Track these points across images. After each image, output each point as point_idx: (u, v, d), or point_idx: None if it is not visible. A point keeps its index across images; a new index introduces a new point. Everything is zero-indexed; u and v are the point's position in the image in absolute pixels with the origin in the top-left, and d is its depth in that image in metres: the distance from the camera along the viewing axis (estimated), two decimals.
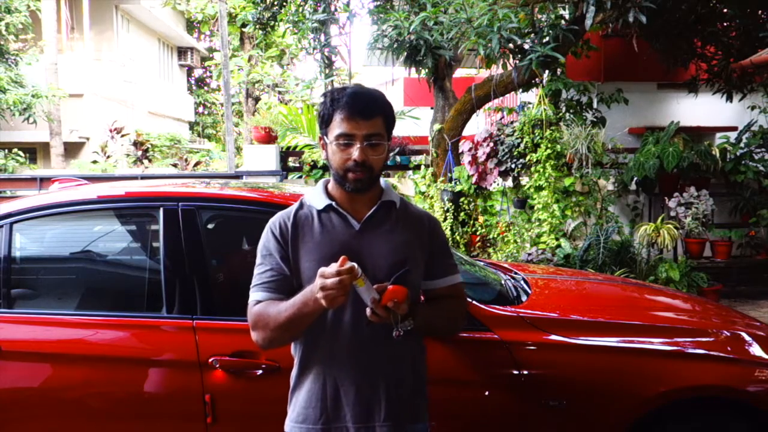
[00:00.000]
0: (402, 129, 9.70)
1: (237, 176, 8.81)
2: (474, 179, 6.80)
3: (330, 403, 1.80)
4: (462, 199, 6.97)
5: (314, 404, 1.81)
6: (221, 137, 25.12)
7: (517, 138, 6.47)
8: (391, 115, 1.82)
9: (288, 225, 1.82)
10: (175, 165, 16.51)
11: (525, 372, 2.38)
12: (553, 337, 2.46)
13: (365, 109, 1.74)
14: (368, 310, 1.65)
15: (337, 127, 1.74)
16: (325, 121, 1.78)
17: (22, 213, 2.63)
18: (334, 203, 1.82)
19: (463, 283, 2.01)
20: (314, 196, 1.87)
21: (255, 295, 1.81)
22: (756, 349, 2.64)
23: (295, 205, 1.89)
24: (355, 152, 1.73)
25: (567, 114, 6.55)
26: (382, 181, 1.89)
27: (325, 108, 1.77)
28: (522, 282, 3.10)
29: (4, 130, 15.16)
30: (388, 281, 1.68)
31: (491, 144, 6.68)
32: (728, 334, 2.74)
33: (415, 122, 10.72)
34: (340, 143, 1.74)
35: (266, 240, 1.84)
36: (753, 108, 7.54)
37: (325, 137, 1.80)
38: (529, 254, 6.05)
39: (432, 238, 1.91)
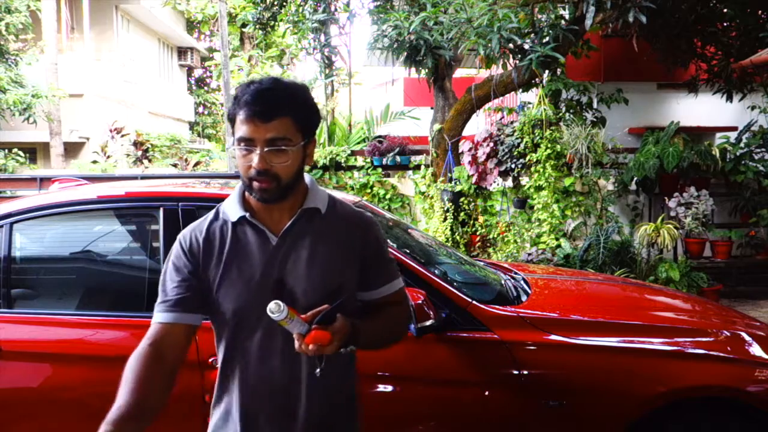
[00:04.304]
0: (402, 129, 9.72)
1: (237, 176, 8.79)
2: (474, 179, 6.81)
3: None
4: (462, 199, 6.97)
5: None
6: (221, 137, 25.13)
7: (517, 138, 6.47)
8: (307, 112, 1.55)
9: (199, 240, 1.60)
10: (175, 165, 16.51)
11: (525, 372, 2.38)
12: (553, 337, 2.46)
13: (266, 109, 1.49)
14: (296, 344, 1.45)
15: (238, 129, 1.51)
16: (230, 122, 1.55)
17: (22, 213, 2.64)
18: (248, 215, 1.59)
19: (404, 287, 1.78)
20: (229, 205, 1.63)
21: (158, 316, 1.58)
22: (756, 349, 2.64)
23: (209, 216, 1.65)
24: (254, 159, 1.49)
25: (567, 114, 6.55)
26: (308, 178, 1.66)
27: (231, 105, 1.55)
28: (522, 282, 3.10)
29: (4, 130, 15.16)
30: (321, 304, 1.49)
31: (491, 144, 6.68)
32: (728, 334, 2.74)
33: (415, 122, 10.72)
34: (241, 148, 1.51)
35: (175, 255, 1.61)
36: (753, 108, 7.54)
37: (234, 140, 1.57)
38: (529, 254, 6.05)
39: (365, 246, 1.66)
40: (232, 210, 1.62)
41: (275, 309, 1.41)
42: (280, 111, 1.50)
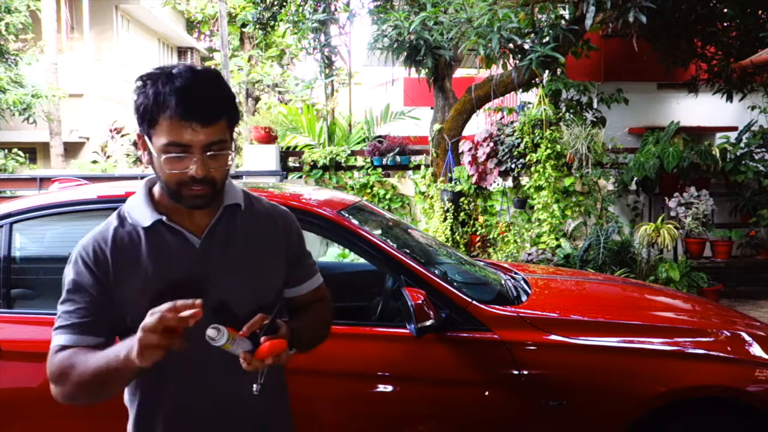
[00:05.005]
0: (402, 129, 9.72)
1: (237, 176, 8.80)
2: (474, 179, 6.81)
3: None
4: (462, 199, 6.97)
5: None
6: None
7: (517, 138, 6.47)
8: (236, 110, 1.41)
9: (105, 251, 1.41)
10: None
11: (525, 372, 2.37)
12: (553, 337, 2.46)
13: (205, 112, 1.33)
14: (244, 364, 1.31)
15: (165, 133, 1.32)
16: (144, 118, 1.34)
17: (22, 213, 2.64)
18: (164, 218, 1.43)
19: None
20: (136, 208, 1.46)
21: (58, 338, 1.39)
22: (756, 349, 2.64)
23: (111, 222, 1.46)
24: (193, 167, 1.33)
25: (567, 114, 6.55)
26: None
27: (145, 99, 1.33)
28: (522, 282, 3.10)
29: (4, 130, 15.16)
30: (256, 313, 1.37)
31: (491, 144, 6.68)
32: (728, 334, 2.74)
33: (415, 122, 10.72)
34: (170, 155, 1.33)
35: (76, 272, 1.42)
36: (753, 108, 7.54)
37: (146, 137, 1.37)
38: (529, 254, 6.05)
39: (290, 242, 1.57)
40: (140, 214, 1.44)
41: (215, 335, 1.26)
42: (219, 114, 1.35)
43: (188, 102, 1.31)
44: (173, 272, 1.42)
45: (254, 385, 1.36)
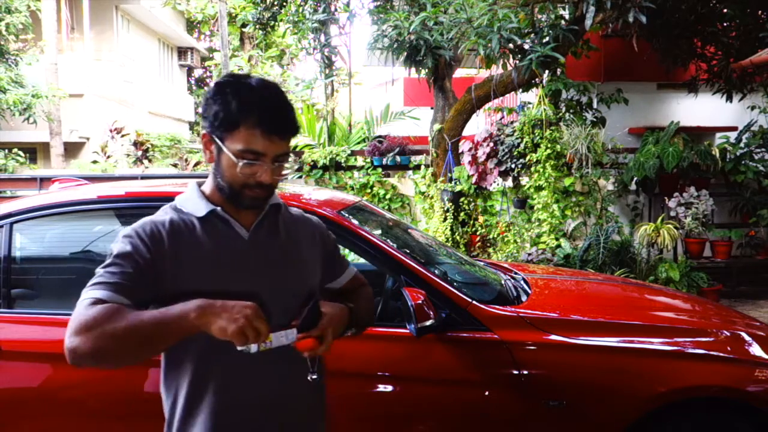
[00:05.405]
0: (402, 129, 9.72)
1: None
2: (474, 179, 6.81)
3: None
4: (462, 199, 6.97)
5: None
6: None
7: (517, 138, 6.47)
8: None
9: (162, 232, 1.49)
10: (175, 165, 16.50)
11: (525, 372, 2.38)
12: (553, 337, 2.46)
13: (285, 127, 1.49)
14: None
15: (244, 140, 1.45)
16: (223, 123, 1.46)
17: (22, 213, 2.64)
18: (219, 209, 1.54)
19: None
20: (189, 201, 1.57)
21: (96, 292, 1.40)
22: (756, 349, 2.64)
23: (166, 213, 1.57)
24: (263, 174, 1.47)
25: (567, 114, 6.55)
26: None
27: (226, 106, 1.45)
28: (522, 282, 3.10)
29: (4, 130, 15.16)
30: (298, 305, 1.51)
31: (491, 144, 6.68)
32: (728, 334, 2.74)
33: (415, 122, 10.72)
34: (245, 160, 1.46)
35: (130, 243, 1.47)
36: (753, 108, 7.54)
37: (218, 140, 1.48)
38: (529, 254, 6.05)
39: (325, 243, 1.73)
40: (194, 206, 1.55)
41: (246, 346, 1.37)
42: (294, 131, 1.51)
43: (274, 117, 1.46)
44: (224, 258, 1.52)
45: (309, 375, 1.51)
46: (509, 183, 6.83)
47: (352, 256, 3.27)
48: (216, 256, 1.51)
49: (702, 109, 8.39)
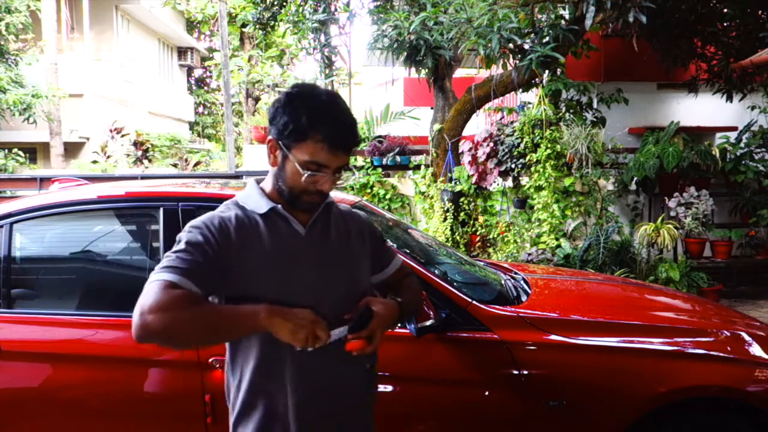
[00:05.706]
0: (402, 129, 9.72)
1: (237, 176, 8.82)
2: (474, 179, 6.81)
3: None
4: (462, 199, 6.97)
5: None
6: (221, 137, 25.14)
7: (517, 138, 6.47)
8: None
9: (230, 227, 1.59)
10: (175, 165, 16.53)
11: (525, 372, 2.38)
12: (553, 337, 2.46)
13: (350, 145, 1.59)
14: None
15: (311, 152, 1.54)
16: (292, 134, 1.54)
17: (22, 213, 2.64)
18: (279, 207, 1.63)
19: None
20: (250, 198, 1.67)
21: (170, 275, 1.48)
22: (756, 349, 2.64)
23: (229, 208, 1.66)
24: (324, 183, 1.59)
25: (567, 114, 6.55)
26: None
27: (296, 119, 1.53)
28: (522, 282, 3.10)
29: (4, 130, 15.17)
30: (349, 301, 1.65)
31: (491, 144, 6.68)
32: (728, 334, 2.74)
33: (415, 122, 10.72)
34: (309, 171, 1.55)
35: (200, 233, 1.56)
36: (753, 108, 7.54)
37: (284, 148, 1.57)
38: (529, 254, 6.05)
39: (372, 238, 1.82)
40: (256, 203, 1.65)
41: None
42: (356, 144, 1.62)
43: (340, 133, 1.56)
44: (286, 253, 1.62)
45: (367, 363, 1.68)
46: (509, 183, 6.82)
47: None
48: (277, 251, 1.61)
49: (702, 109, 8.39)
